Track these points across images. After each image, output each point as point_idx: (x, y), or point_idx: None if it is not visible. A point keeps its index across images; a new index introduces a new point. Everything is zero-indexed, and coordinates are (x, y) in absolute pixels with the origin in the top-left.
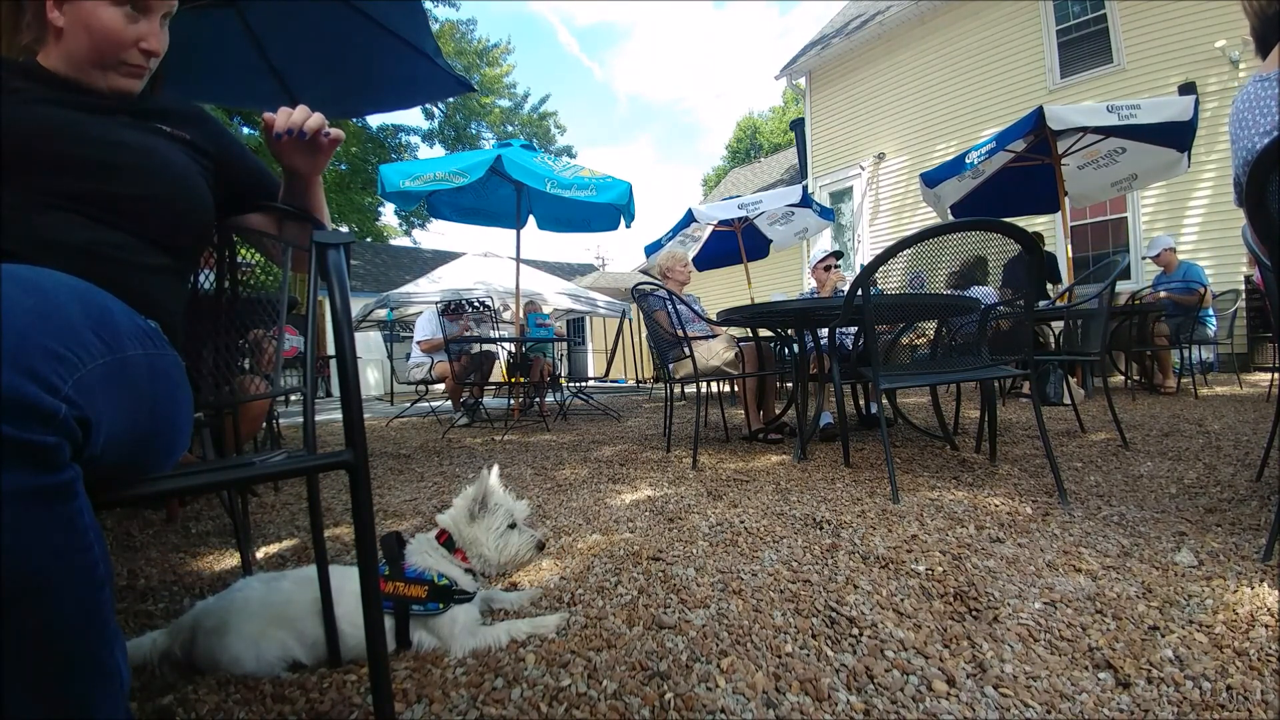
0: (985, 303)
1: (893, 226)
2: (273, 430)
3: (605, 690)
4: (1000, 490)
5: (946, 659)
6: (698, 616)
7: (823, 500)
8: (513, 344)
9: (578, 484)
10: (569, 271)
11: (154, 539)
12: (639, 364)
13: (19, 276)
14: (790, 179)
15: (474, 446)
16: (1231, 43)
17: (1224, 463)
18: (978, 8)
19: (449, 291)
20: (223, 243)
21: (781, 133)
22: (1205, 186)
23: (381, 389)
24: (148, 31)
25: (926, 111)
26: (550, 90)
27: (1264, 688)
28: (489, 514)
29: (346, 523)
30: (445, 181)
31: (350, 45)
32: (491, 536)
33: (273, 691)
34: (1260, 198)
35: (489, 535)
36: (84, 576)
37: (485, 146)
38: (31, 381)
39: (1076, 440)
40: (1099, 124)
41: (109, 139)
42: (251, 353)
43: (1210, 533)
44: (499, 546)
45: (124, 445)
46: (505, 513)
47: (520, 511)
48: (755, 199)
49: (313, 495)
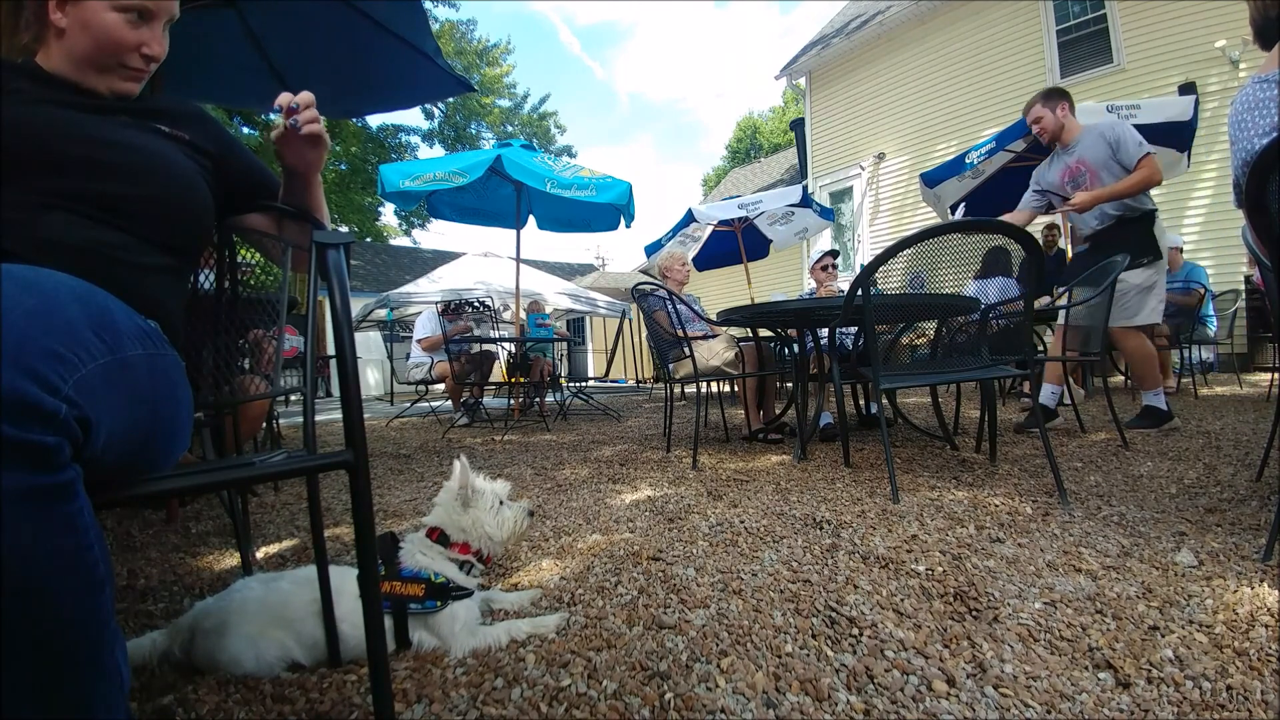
0: (1005, 295)
1: (893, 226)
2: (273, 430)
3: (605, 690)
4: (1000, 490)
5: (946, 659)
6: (698, 616)
7: (823, 500)
8: (513, 344)
9: (578, 484)
10: (569, 271)
11: (154, 539)
12: (639, 364)
13: (19, 277)
14: (790, 179)
15: (474, 446)
16: (1231, 43)
17: (1224, 463)
18: (978, 8)
19: (449, 291)
20: (223, 243)
21: (781, 133)
22: (1205, 186)
23: (381, 389)
24: (150, 36)
25: (926, 111)
26: (551, 90)
27: (1264, 688)
28: (479, 496)
29: (346, 523)
30: (445, 181)
31: (350, 45)
32: (490, 515)
33: (273, 691)
34: (1260, 198)
35: (488, 514)
36: (84, 577)
37: (485, 146)
38: (32, 381)
39: (1076, 440)
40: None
41: (108, 139)
42: (251, 353)
43: (1210, 533)
44: (498, 523)
45: (124, 445)
46: (491, 493)
47: (502, 490)
48: (755, 199)
49: (313, 495)
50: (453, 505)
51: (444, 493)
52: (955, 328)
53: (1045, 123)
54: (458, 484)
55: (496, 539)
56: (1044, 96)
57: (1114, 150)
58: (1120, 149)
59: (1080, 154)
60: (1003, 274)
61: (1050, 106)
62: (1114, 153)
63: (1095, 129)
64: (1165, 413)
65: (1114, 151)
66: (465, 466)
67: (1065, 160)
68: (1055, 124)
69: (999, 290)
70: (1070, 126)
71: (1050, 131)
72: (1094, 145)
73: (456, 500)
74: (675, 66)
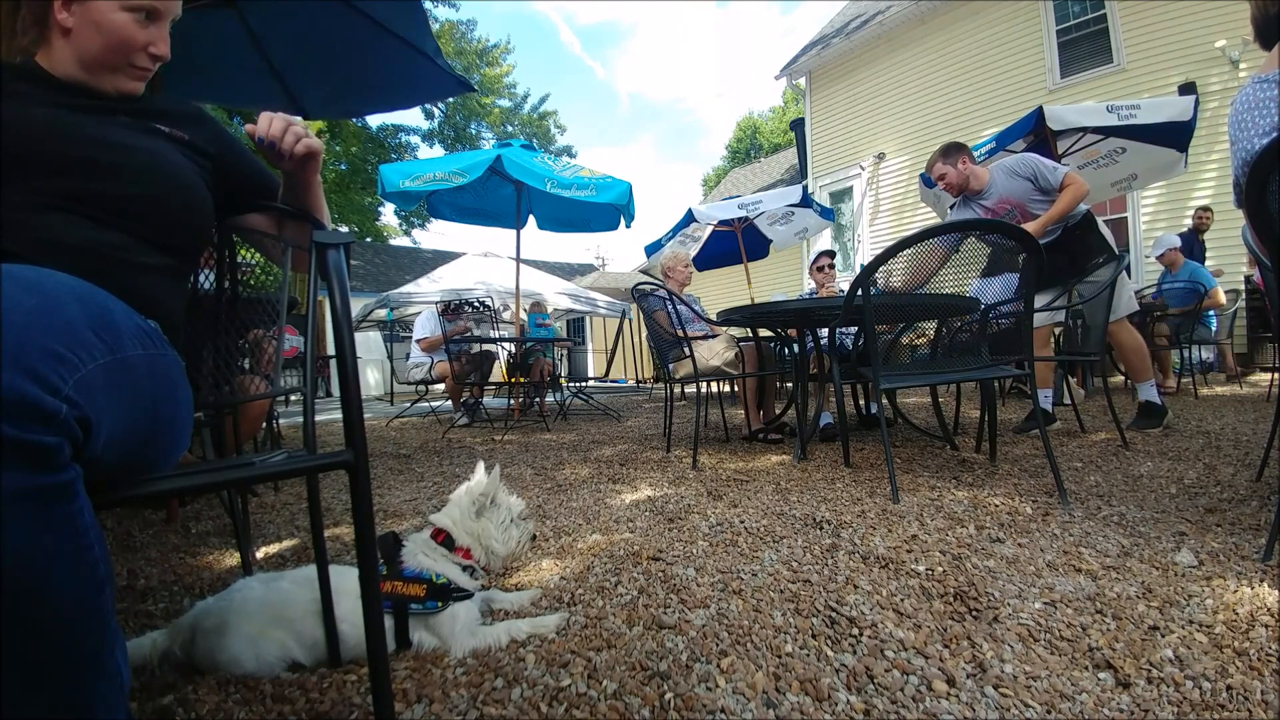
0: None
1: (893, 226)
2: (273, 430)
3: (605, 690)
4: (1000, 490)
5: (946, 659)
6: (698, 616)
7: (823, 500)
8: (512, 344)
9: (578, 484)
10: (569, 271)
11: (154, 539)
12: (639, 364)
13: (19, 276)
14: (790, 179)
15: (474, 446)
16: (1231, 43)
17: (1224, 463)
18: (978, 8)
19: (449, 291)
20: (223, 243)
21: (781, 133)
22: (1205, 186)
23: (381, 389)
24: (157, 36)
25: (926, 111)
26: (552, 89)
27: (1264, 688)
28: (495, 509)
29: (346, 523)
30: (445, 181)
31: (350, 45)
32: (500, 530)
33: (273, 691)
34: (1260, 198)
35: (498, 529)
36: (84, 577)
37: (485, 146)
38: (32, 382)
39: (1076, 440)
40: (1099, 124)
41: (108, 140)
42: (251, 353)
43: (1210, 533)
44: (504, 539)
45: (124, 445)
46: (507, 508)
47: (516, 507)
48: (755, 199)
49: (313, 495)
50: (468, 509)
51: (461, 493)
52: (955, 328)
53: (950, 178)
54: (480, 490)
55: (499, 554)
56: (942, 153)
57: (1034, 182)
58: (1040, 178)
59: (999, 194)
60: (1008, 271)
61: (950, 162)
62: (1035, 184)
63: (1004, 168)
64: (1161, 407)
65: (1034, 183)
66: (496, 476)
67: (982, 204)
68: (959, 177)
69: (1002, 288)
70: (976, 175)
71: (956, 185)
72: (1010, 183)
73: (473, 506)
74: (675, 66)
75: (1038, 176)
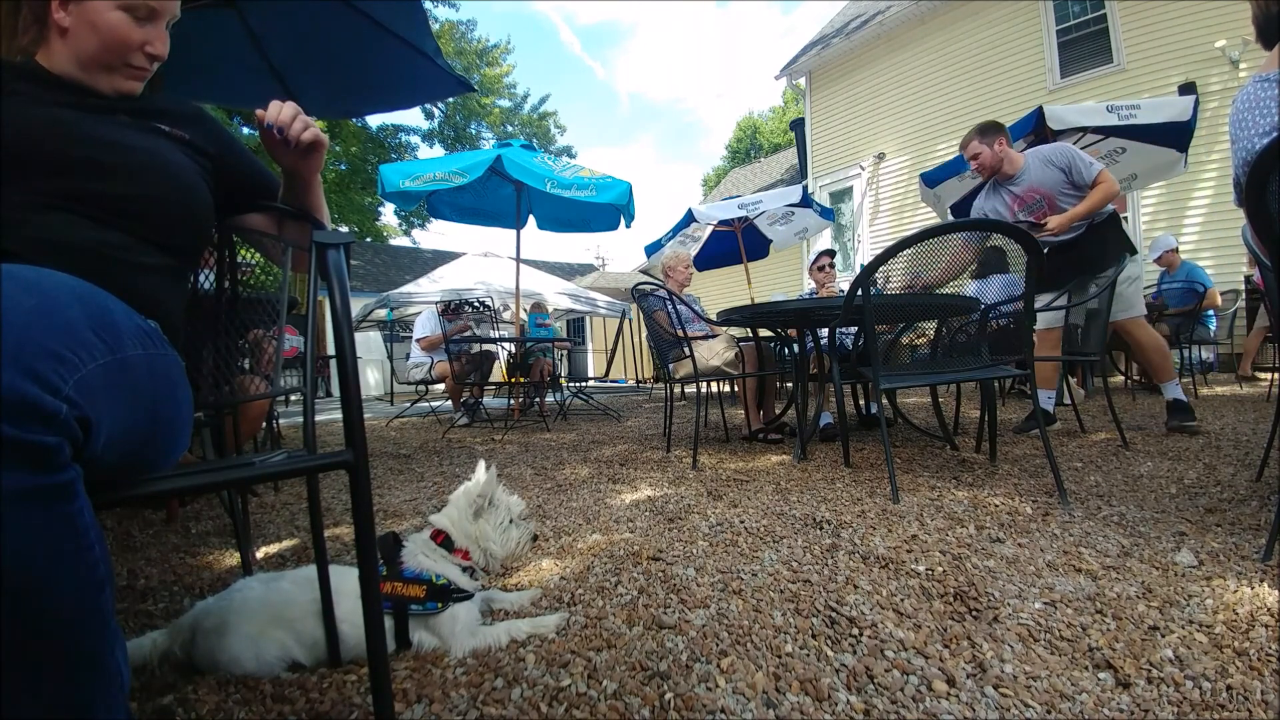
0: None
1: (893, 226)
2: (273, 430)
3: (605, 690)
4: (1000, 490)
5: (946, 659)
6: (698, 616)
7: (823, 500)
8: (513, 344)
9: (578, 484)
10: (569, 271)
11: (154, 539)
12: (639, 364)
13: (19, 276)
14: (790, 179)
15: (474, 446)
16: (1231, 43)
17: (1224, 463)
18: (978, 8)
19: (449, 291)
20: (223, 243)
21: (781, 133)
22: (1205, 186)
23: (381, 389)
24: (154, 35)
25: (926, 111)
26: (552, 89)
27: (1264, 688)
28: (493, 510)
29: (346, 523)
30: (445, 181)
31: (350, 45)
32: (498, 532)
33: (273, 691)
34: (1260, 198)
35: (495, 531)
36: (84, 577)
37: (485, 146)
38: (32, 382)
39: (1076, 440)
40: (1099, 124)
41: (108, 139)
42: (251, 353)
43: (1210, 533)
44: (503, 540)
45: (124, 445)
46: (506, 509)
47: (516, 507)
48: (755, 199)
49: (313, 495)
50: (466, 510)
51: (460, 494)
52: (955, 328)
53: (983, 158)
54: (477, 491)
55: (497, 556)
56: (979, 131)
57: (1067, 174)
58: (1074, 171)
59: (1030, 182)
60: (1001, 272)
61: (987, 142)
62: (1067, 176)
63: (1040, 156)
64: (1186, 403)
65: (1067, 175)
66: (493, 477)
67: (1011, 190)
68: (994, 159)
69: (1001, 288)
70: (1011, 158)
71: (989, 166)
72: (1043, 172)
73: (470, 507)
74: (676, 66)
75: (1072, 169)
